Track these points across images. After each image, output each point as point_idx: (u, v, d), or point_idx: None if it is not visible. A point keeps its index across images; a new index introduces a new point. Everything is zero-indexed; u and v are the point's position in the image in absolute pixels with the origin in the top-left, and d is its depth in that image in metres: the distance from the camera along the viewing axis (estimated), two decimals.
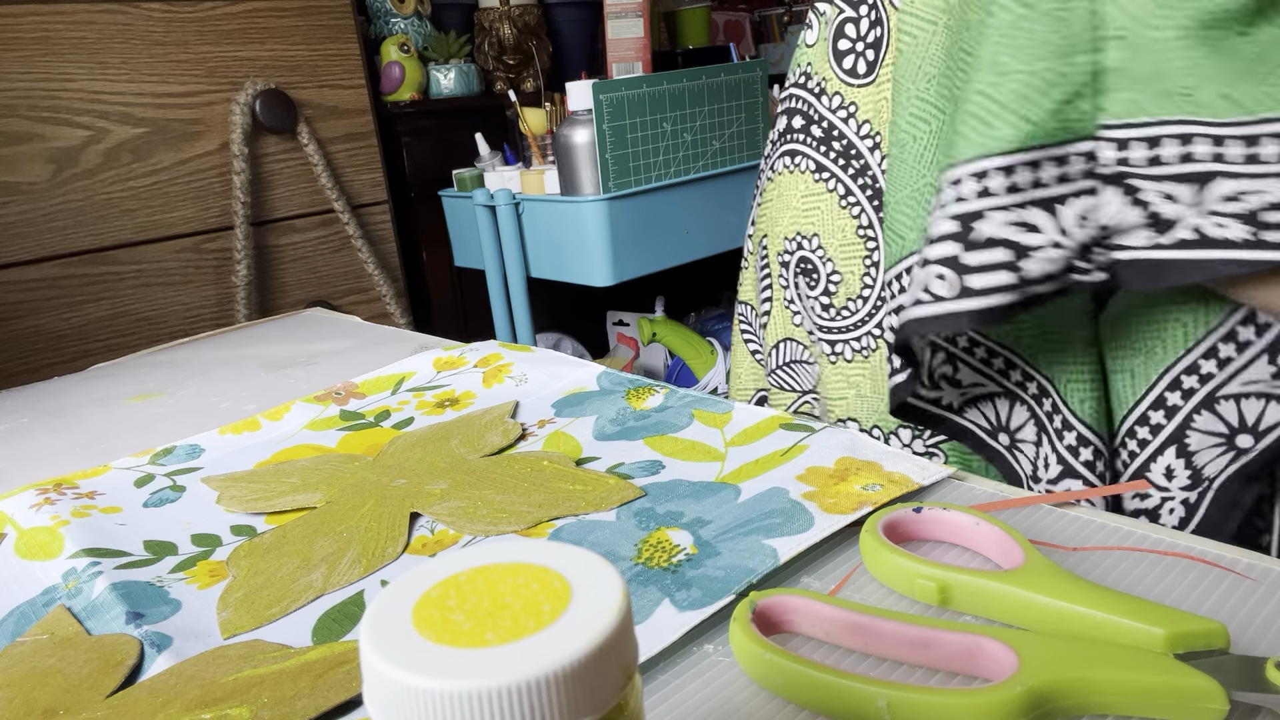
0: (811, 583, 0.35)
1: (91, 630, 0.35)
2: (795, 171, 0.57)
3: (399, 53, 1.43)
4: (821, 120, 0.55)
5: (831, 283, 0.55)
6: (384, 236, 1.41)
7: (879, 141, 0.53)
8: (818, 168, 0.56)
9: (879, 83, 0.52)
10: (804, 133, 0.57)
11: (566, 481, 0.43)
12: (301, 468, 0.48)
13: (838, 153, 0.55)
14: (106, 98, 1.12)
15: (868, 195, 0.53)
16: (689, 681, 0.29)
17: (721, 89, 1.25)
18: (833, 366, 0.56)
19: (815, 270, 0.56)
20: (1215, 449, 0.44)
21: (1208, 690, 0.25)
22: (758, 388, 0.67)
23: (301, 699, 0.29)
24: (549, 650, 0.17)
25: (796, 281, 0.58)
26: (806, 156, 0.56)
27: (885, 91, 0.52)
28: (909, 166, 0.48)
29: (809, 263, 0.57)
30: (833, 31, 0.55)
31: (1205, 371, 0.43)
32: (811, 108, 0.56)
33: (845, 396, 0.56)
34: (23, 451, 0.57)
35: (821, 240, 0.56)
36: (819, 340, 0.57)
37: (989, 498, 0.39)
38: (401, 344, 0.73)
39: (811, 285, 0.57)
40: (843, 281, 0.55)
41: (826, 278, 0.56)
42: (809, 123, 0.56)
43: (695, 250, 1.29)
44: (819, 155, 0.56)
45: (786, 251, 0.59)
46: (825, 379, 0.57)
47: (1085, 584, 0.30)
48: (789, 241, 0.58)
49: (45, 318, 1.11)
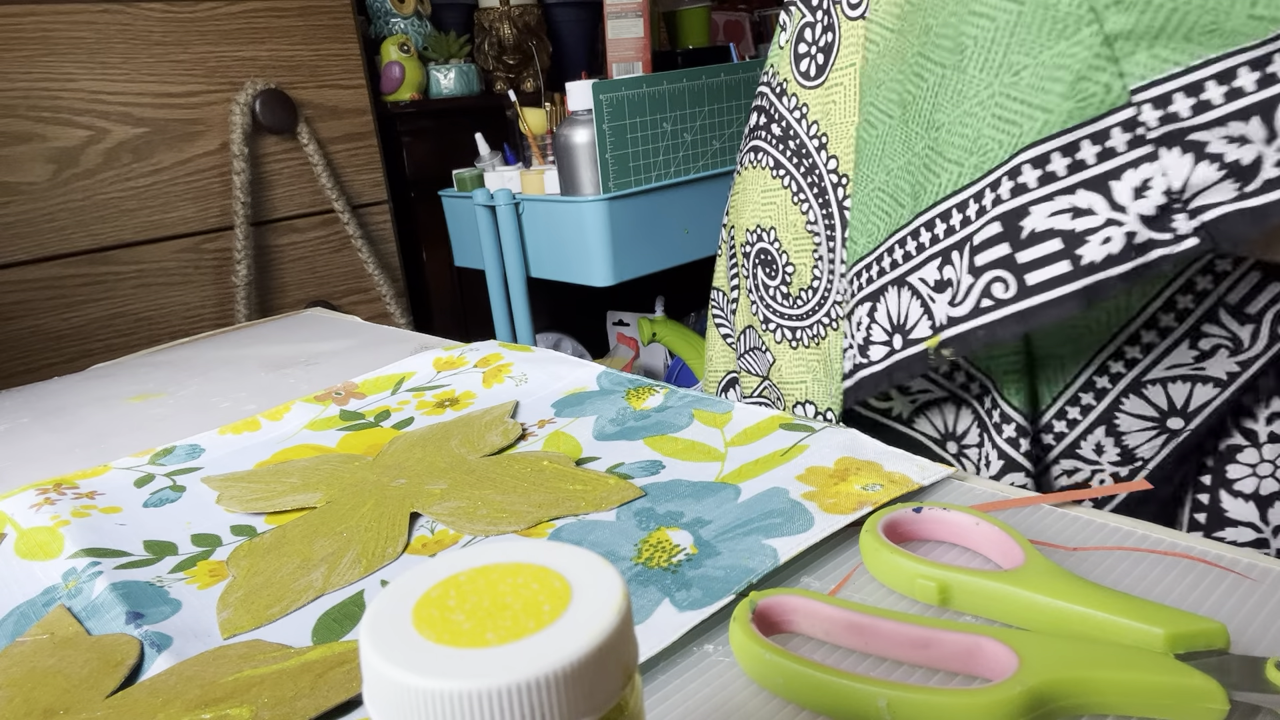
0: (811, 583, 0.35)
1: (91, 630, 0.35)
2: (757, 167, 0.59)
3: (399, 53, 1.43)
4: (781, 119, 0.57)
5: (786, 274, 0.58)
6: (384, 236, 1.41)
7: (825, 142, 0.54)
8: (775, 164, 0.58)
9: (827, 85, 0.54)
10: (766, 130, 0.59)
11: (566, 481, 0.43)
12: (301, 468, 0.48)
13: (792, 151, 0.56)
14: (106, 98, 1.12)
15: (814, 193, 0.55)
16: (689, 681, 0.29)
17: (721, 89, 1.25)
18: (793, 352, 0.58)
19: (774, 261, 0.58)
20: (1147, 432, 0.44)
21: (1208, 690, 0.25)
22: (728, 370, 0.69)
23: (301, 699, 0.29)
24: (549, 650, 0.17)
25: (755, 272, 0.61)
26: (766, 153, 0.59)
27: (833, 95, 0.53)
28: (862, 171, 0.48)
29: (767, 254, 0.59)
30: (794, 35, 0.56)
31: (1130, 357, 0.43)
32: (774, 106, 0.58)
33: (804, 380, 0.58)
34: (23, 451, 0.57)
35: (778, 233, 0.58)
36: (779, 328, 0.59)
37: (989, 498, 0.39)
38: (401, 344, 0.73)
39: (771, 275, 0.59)
40: (795, 272, 0.57)
41: (783, 269, 0.58)
42: (770, 121, 0.58)
43: (695, 250, 1.29)
44: (777, 152, 0.58)
45: (748, 243, 0.61)
46: (783, 365, 0.59)
47: (1085, 584, 0.30)
48: (750, 234, 0.61)
49: (45, 318, 1.11)
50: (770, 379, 0.61)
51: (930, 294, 0.44)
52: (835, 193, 0.53)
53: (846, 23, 0.52)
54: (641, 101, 1.16)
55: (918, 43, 0.44)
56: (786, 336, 0.58)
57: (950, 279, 0.43)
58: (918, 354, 0.44)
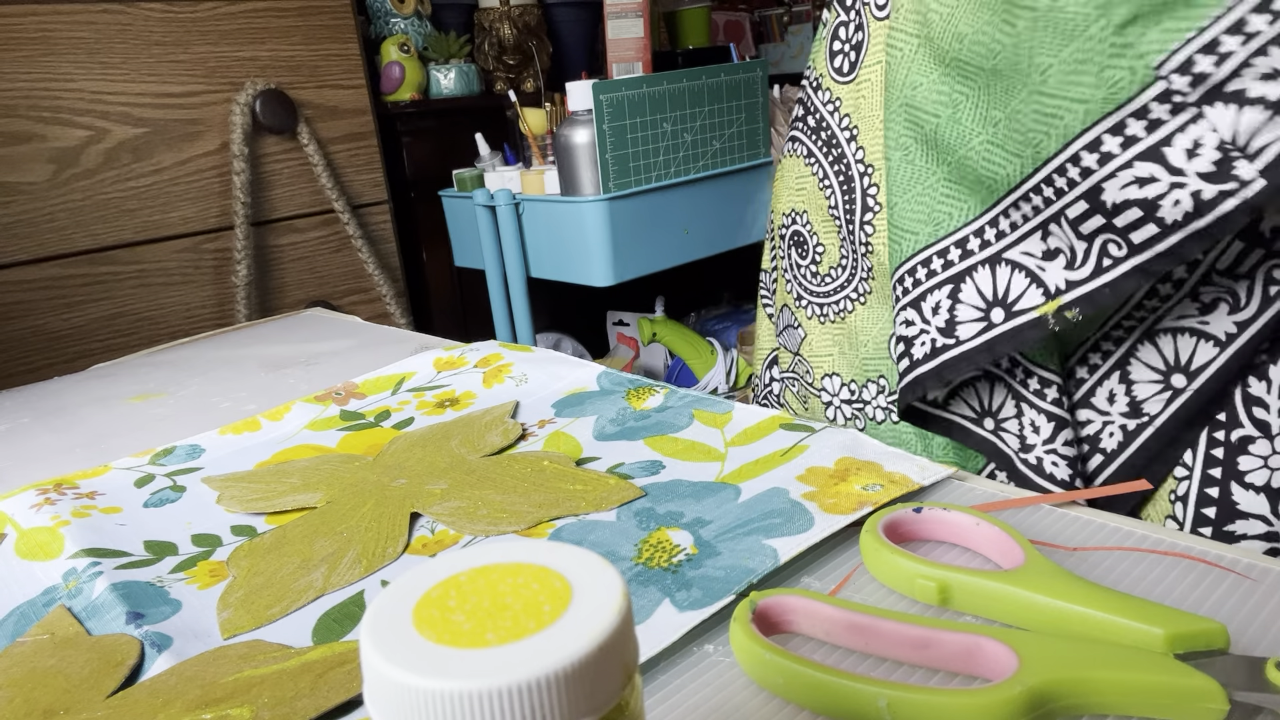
0: (811, 583, 0.35)
1: (92, 630, 0.35)
2: (794, 156, 0.64)
3: (399, 53, 1.43)
4: (815, 111, 0.61)
5: (817, 253, 0.62)
6: (384, 236, 1.41)
7: (855, 134, 0.58)
8: (808, 153, 0.62)
9: (857, 81, 0.58)
10: (803, 121, 0.63)
11: (567, 481, 0.43)
12: (302, 468, 0.48)
13: (823, 141, 0.61)
14: (106, 98, 1.12)
15: (840, 181, 0.59)
16: (689, 681, 0.29)
17: (721, 89, 1.25)
18: (821, 327, 0.63)
19: (805, 242, 0.63)
20: (1154, 385, 0.46)
21: (1208, 690, 0.25)
22: (771, 348, 0.73)
23: (301, 699, 0.29)
24: (549, 650, 0.17)
25: (790, 252, 0.65)
26: (802, 143, 0.63)
27: (862, 90, 0.57)
28: (917, 167, 0.50)
29: (800, 236, 0.64)
30: (830, 32, 0.60)
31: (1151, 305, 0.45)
32: (811, 99, 0.62)
33: (831, 354, 0.62)
34: (23, 451, 0.57)
35: (809, 216, 0.63)
36: (809, 304, 0.64)
37: (989, 498, 0.39)
38: (401, 344, 0.73)
39: (802, 255, 0.64)
40: (825, 252, 0.62)
41: (813, 249, 0.63)
42: (807, 113, 0.63)
43: (695, 250, 1.29)
44: (810, 143, 0.62)
45: (784, 226, 0.66)
46: (814, 339, 0.64)
47: (1085, 584, 0.30)
48: (785, 217, 0.65)
49: (45, 318, 1.11)
50: (800, 353, 0.65)
51: (1038, 264, 0.45)
52: (860, 181, 0.58)
53: (874, 23, 0.56)
54: (641, 101, 1.16)
55: (953, 47, 0.47)
56: (816, 313, 0.63)
57: (1058, 248, 0.45)
58: (1029, 321, 0.46)
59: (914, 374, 0.50)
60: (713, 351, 1.54)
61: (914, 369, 0.50)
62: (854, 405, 0.61)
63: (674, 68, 1.26)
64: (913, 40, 0.50)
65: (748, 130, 1.31)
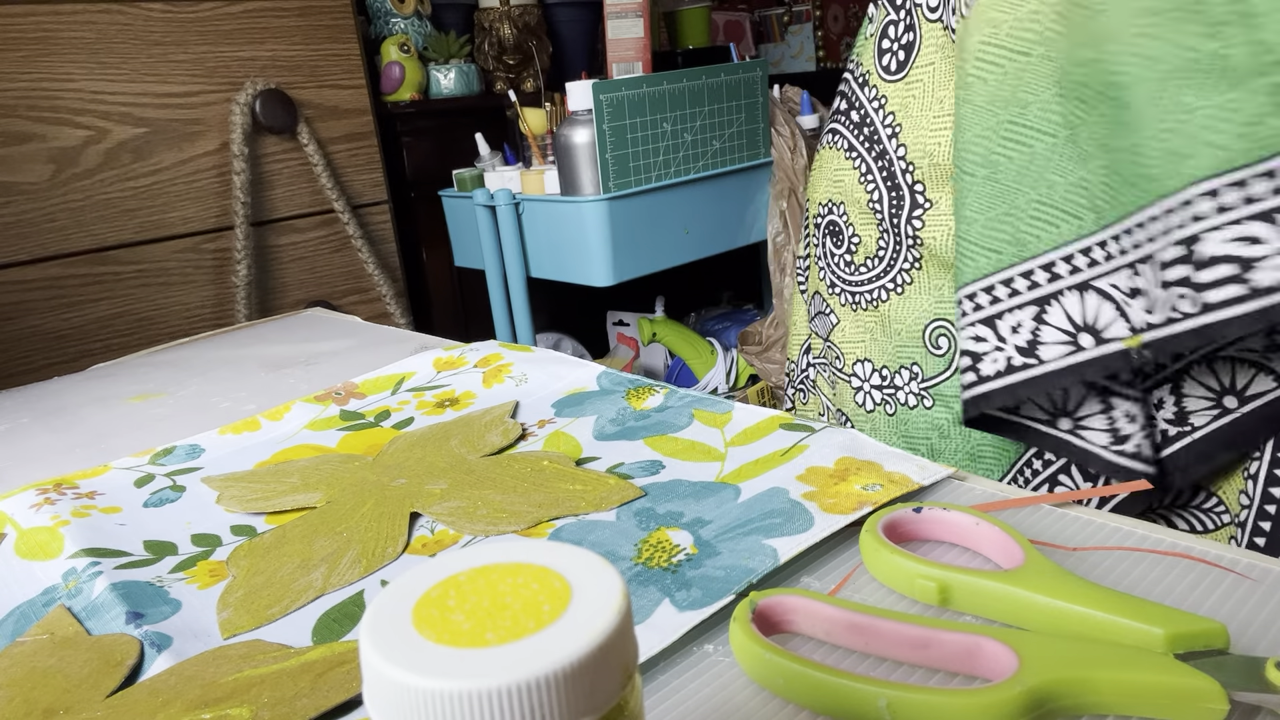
0: (811, 583, 0.35)
1: (91, 630, 0.35)
2: (833, 148, 0.66)
3: (399, 53, 1.43)
4: (860, 107, 0.63)
5: (852, 244, 0.64)
6: (384, 236, 1.41)
7: (897, 131, 0.60)
8: (849, 147, 0.64)
9: (907, 81, 0.59)
10: (845, 115, 0.65)
11: (566, 481, 0.43)
12: (301, 468, 0.48)
13: (865, 136, 0.62)
14: (106, 98, 1.12)
15: (883, 176, 0.61)
16: (689, 681, 0.29)
17: (721, 89, 1.25)
18: (853, 314, 0.64)
19: (840, 232, 0.65)
20: (1204, 401, 0.47)
21: (1208, 690, 0.25)
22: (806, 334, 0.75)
23: (301, 699, 0.29)
24: (549, 650, 0.17)
25: (824, 241, 0.67)
26: (842, 136, 0.65)
27: (913, 90, 0.59)
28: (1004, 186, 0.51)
29: (835, 226, 0.66)
30: (879, 30, 0.62)
31: None
32: (855, 94, 0.64)
33: (863, 340, 0.64)
34: (23, 451, 0.57)
35: (846, 208, 0.64)
36: (842, 292, 0.66)
37: (989, 498, 0.39)
38: (401, 344, 0.73)
39: (837, 245, 0.66)
40: (861, 243, 0.64)
41: (849, 239, 0.64)
42: (850, 107, 0.64)
43: (695, 250, 1.29)
44: (851, 136, 0.64)
45: (819, 215, 0.68)
46: (846, 325, 0.65)
47: (1085, 584, 0.30)
48: (821, 207, 0.67)
49: (45, 318, 1.11)
50: (831, 340, 0.67)
51: (1124, 299, 0.46)
52: (904, 177, 0.59)
53: (926, 24, 0.57)
54: (641, 101, 1.16)
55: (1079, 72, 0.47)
56: (849, 300, 0.65)
57: (1142, 288, 0.45)
58: (1117, 352, 0.46)
59: (981, 389, 0.50)
60: (713, 351, 1.54)
61: (982, 383, 0.50)
62: (885, 390, 0.62)
63: (674, 68, 1.26)
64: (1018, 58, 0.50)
65: (748, 130, 1.31)
